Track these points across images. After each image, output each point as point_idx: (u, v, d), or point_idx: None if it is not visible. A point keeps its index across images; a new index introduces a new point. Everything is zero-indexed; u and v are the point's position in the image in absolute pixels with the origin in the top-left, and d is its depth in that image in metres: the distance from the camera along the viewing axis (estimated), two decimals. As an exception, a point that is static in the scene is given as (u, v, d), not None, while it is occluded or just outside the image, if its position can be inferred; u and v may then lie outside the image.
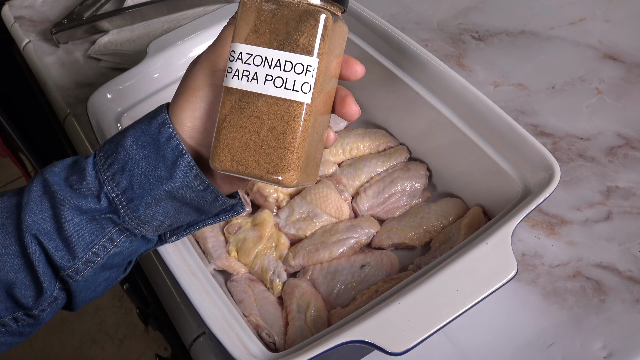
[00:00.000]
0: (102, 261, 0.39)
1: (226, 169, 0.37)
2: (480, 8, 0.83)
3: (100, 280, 0.41)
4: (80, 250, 0.38)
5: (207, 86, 0.38)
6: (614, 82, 0.71)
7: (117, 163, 0.38)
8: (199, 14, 0.86)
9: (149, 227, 0.40)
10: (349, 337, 0.41)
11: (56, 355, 1.59)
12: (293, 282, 0.54)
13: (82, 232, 0.38)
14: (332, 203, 0.59)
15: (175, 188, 0.38)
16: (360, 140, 0.64)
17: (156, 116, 0.38)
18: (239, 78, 0.36)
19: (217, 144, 0.37)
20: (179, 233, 0.44)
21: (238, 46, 0.36)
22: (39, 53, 0.86)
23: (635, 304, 0.52)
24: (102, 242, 0.39)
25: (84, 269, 0.39)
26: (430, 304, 0.42)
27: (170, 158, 0.37)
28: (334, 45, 0.37)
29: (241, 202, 0.44)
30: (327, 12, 0.35)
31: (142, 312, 0.92)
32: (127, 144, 0.38)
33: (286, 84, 0.35)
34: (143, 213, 0.39)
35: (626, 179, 0.62)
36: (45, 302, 0.39)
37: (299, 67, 0.35)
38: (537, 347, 0.50)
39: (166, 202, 0.39)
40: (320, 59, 0.35)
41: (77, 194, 0.38)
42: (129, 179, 0.38)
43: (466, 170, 0.58)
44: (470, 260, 0.43)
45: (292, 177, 0.36)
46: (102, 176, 0.38)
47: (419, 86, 0.59)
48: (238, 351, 0.43)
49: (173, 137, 0.37)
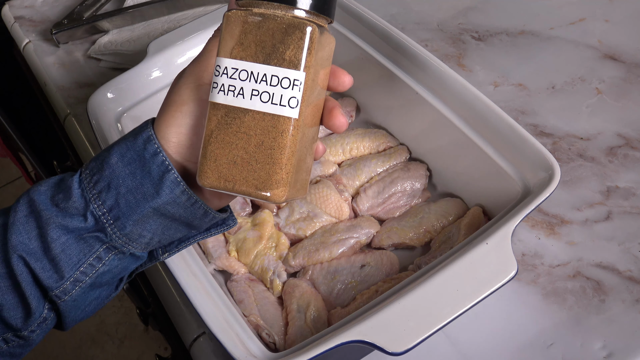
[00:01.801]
0: (91, 280, 0.39)
1: (213, 185, 0.36)
2: (480, 8, 0.83)
3: (90, 300, 0.41)
4: (68, 270, 0.38)
5: (192, 101, 0.37)
6: (614, 82, 0.71)
7: (103, 180, 0.37)
8: (199, 14, 0.86)
9: (137, 244, 0.39)
10: (349, 337, 0.41)
11: (56, 355, 1.59)
12: (293, 282, 0.54)
13: (69, 252, 0.38)
14: (332, 203, 0.59)
15: (163, 204, 0.37)
16: (360, 140, 0.64)
17: (141, 132, 0.38)
18: (225, 93, 0.35)
19: (203, 161, 0.36)
20: (170, 250, 0.43)
21: (223, 60, 0.35)
22: (39, 53, 0.86)
23: (635, 304, 0.52)
24: (90, 261, 0.38)
25: (73, 289, 0.38)
26: (430, 304, 0.42)
27: (156, 174, 0.37)
28: (320, 57, 0.36)
29: (232, 216, 0.43)
30: (313, 25, 0.35)
31: (142, 312, 0.93)
32: (113, 161, 0.37)
33: (273, 99, 0.35)
34: (130, 231, 0.38)
35: (626, 179, 0.62)
36: (34, 323, 0.39)
37: (285, 81, 0.35)
38: (537, 347, 0.50)
39: (154, 219, 0.38)
40: (307, 73, 0.35)
41: (63, 213, 0.37)
42: (115, 196, 0.37)
43: (466, 170, 0.58)
44: (470, 260, 0.43)
45: (280, 193, 0.36)
46: (88, 194, 0.37)
47: (419, 86, 0.59)
48: (238, 351, 0.43)
49: (159, 153, 0.37)
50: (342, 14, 0.66)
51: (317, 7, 0.35)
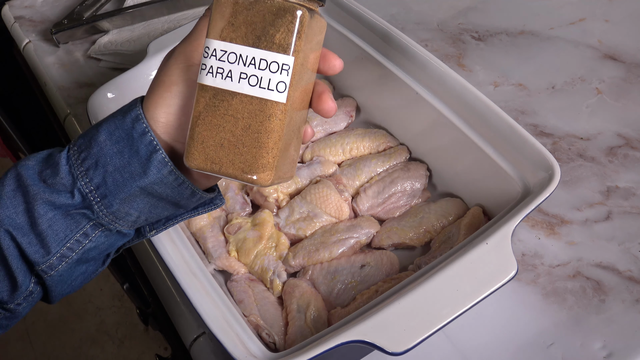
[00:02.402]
0: (77, 256, 0.39)
1: (200, 167, 0.36)
2: (480, 8, 0.83)
3: (77, 275, 0.41)
4: (55, 245, 0.38)
5: (182, 81, 0.37)
6: (614, 82, 0.71)
7: (91, 158, 0.37)
8: (199, 14, 0.86)
9: (124, 222, 0.39)
10: (349, 337, 0.41)
11: (56, 355, 1.59)
12: (293, 282, 0.54)
13: (56, 227, 0.38)
14: (332, 203, 0.59)
15: (150, 184, 0.37)
16: (360, 140, 0.64)
17: (130, 111, 0.38)
18: (213, 75, 0.35)
19: (191, 142, 0.36)
20: (157, 227, 0.43)
21: (212, 42, 0.35)
22: (39, 53, 0.86)
23: (635, 304, 0.52)
24: (76, 237, 0.39)
25: (59, 264, 0.39)
26: (430, 304, 0.42)
27: (144, 154, 0.37)
28: (310, 41, 0.36)
29: (220, 196, 0.43)
30: (303, 9, 0.34)
31: (142, 312, 0.93)
32: (101, 139, 0.37)
33: (261, 83, 0.35)
34: (117, 209, 0.38)
35: (626, 179, 0.62)
36: (20, 296, 0.39)
37: (274, 65, 0.34)
38: (537, 347, 0.50)
39: (141, 197, 0.38)
40: (296, 57, 0.35)
41: (51, 189, 0.37)
42: (102, 174, 0.37)
43: (466, 170, 0.58)
44: (470, 260, 0.43)
45: (266, 176, 0.36)
46: (76, 171, 0.37)
47: (419, 86, 0.59)
48: (238, 351, 0.43)
49: (147, 133, 0.37)
50: (342, 14, 0.66)
51: None
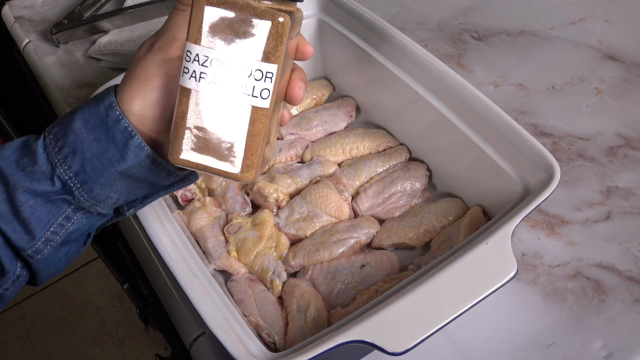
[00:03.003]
0: (61, 239, 0.40)
1: (185, 164, 0.37)
2: (480, 8, 0.83)
3: (61, 256, 0.42)
4: (39, 230, 0.39)
5: (158, 76, 0.38)
6: (614, 82, 0.71)
7: (68, 146, 0.38)
8: (199, 14, 0.86)
9: (104, 205, 0.40)
10: (349, 337, 0.41)
11: (56, 355, 1.59)
12: (293, 282, 0.54)
13: (39, 214, 0.39)
14: (332, 203, 0.59)
15: (128, 168, 0.38)
16: (360, 140, 0.64)
17: (103, 99, 0.38)
18: (197, 80, 0.35)
19: (175, 140, 0.37)
20: (135, 206, 0.44)
21: (194, 47, 0.35)
22: (39, 53, 0.86)
23: (635, 304, 0.52)
24: (59, 221, 0.39)
25: (44, 248, 0.40)
26: (430, 304, 0.42)
27: (120, 140, 0.38)
28: (291, 39, 0.36)
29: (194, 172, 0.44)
30: (284, 14, 0.34)
31: (142, 312, 0.93)
32: (76, 127, 0.38)
33: (245, 89, 0.35)
34: (98, 193, 0.39)
35: (626, 179, 0.62)
36: (8, 281, 0.40)
37: (258, 73, 0.35)
38: (537, 347, 0.50)
39: (120, 181, 0.39)
40: (279, 64, 0.35)
41: (31, 177, 0.38)
42: (80, 161, 0.38)
43: (466, 170, 0.58)
44: (470, 260, 0.43)
45: (250, 175, 0.37)
46: (54, 159, 0.38)
47: (419, 86, 0.59)
48: (238, 351, 0.43)
49: (121, 120, 0.38)
50: (342, 14, 0.66)
51: None
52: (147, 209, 0.52)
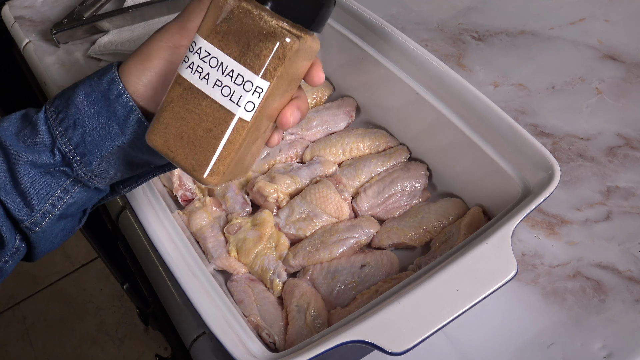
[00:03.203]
0: (59, 211, 0.40)
1: (157, 148, 0.37)
2: (480, 8, 0.83)
3: (57, 231, 0.42)
4: (37, 202, 0.39)
5: (158, 59, 0.38)
6: (614, 82, 0.71)
7: (69, 119, 0.38)
8: (199, 14, 0.86)
9: (101, 179, 0.41)
10: (349, 337, 0.41)
11: (56, 355, 1.59)
12: (293, 282, 0.54)
13: (38, 185, 0.39)
14: (332, 203, 0.59)
15: (127, 143, 0.39)
16: (360, 140, 0.64)
17: (106, 73, 0.39)
18: (192, 71, 0.36)
19: (156, 122, 0.37)
20: (130, 184, 0.45)
21: (200, 40, 0.35)
22: (39, 53, 0.86)
23: (635, 304, 0.52)
24: (57, 194, 0.40)
25: (42, 220, 0.40)
26: (430, 304, 0.42)
27: (121, 114, 0.38)
28: (295, 64, 0.36)
29: None
30: (292, 37, 0.34)
31: (142, 312, 0.93)
32: (78, 100, 0.38)
33: (232, 96, 0.35)
34: (96, 167, 0.39)
35: (626, 179, 0.62)
36: (7, 253, 0.40)
37: (248, 84, 0.35)
38: (537, 347, 0.50)
39: (118, 155, 0.40)
40: (271, 83, 0.35)
41: (31, 149, 0.38)
42: (81, 134, 0.38)
43: (466, 170, 0.58)
44: (470, 260, 0.43)
45: (213, 180, 0.37)
46: (55, 131, 0.38)
47: (419, 86, 0.59)
48: (238, 351, 0.43)
49: (123, 94, 0.38)
50: (342, 13, 0.66)
51: (305, 22, 0.35)
52: (147, 208, 0.52)
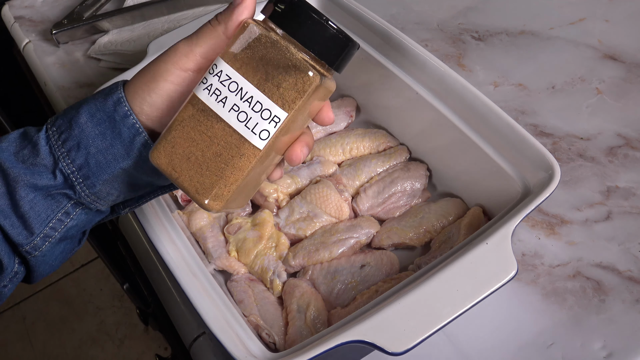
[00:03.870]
0: (60, 235, 0.39)
1: (161, 167, 0.37)
2: (480, 8, 0.83)
3: (57, 254, 0.41)
4: (38, 226, 0.38)
5: (166, 81, 0.37)
6: (614, 82, 0.71)
7: (72, 139, 0.37)
8: (199, 14, 0.86)
9: (104, 202, 0.40)
10: (349, 337, 0.41)
11: (56, 355, 1.59)
12: (293, 282, 0.54)
13: (38, 209, 0.38)
14: (332, 203, 0.59)
15: (132, 165, 0.38)
16: (360, 140, 0.64)
17: (112, 93, 0.38)
18: (209, 93, 0.35)
19: (163, 141, 0.37)
20: (131, 205, 0.44)
21: (222, 63, 0.35)
22: (39, 53, 0.86)
23: (635, 304, 0.52)
24: (58, 217, 0.39)
25: (42, 244, 0.39)
26: (430, 304, 0.42)
27: (126, 136, 0.37)
28: (312, 101, 0.36)
29: None
30: (316, 73, 0.35)
31: (142, 312, 0.93)
32: (82, 121, 0.37)
33: (248, 122, 0.35)
34: (99, 189, 0.38)
35: (626, 179, 0.62)
36: (6, 278, 0.39)
37: (266, 112, 0.35)
38: (537, 347, 0.50)
39: (122, 178, 0.39)
40: (289, 114, 0.35)
41: (31, 170, 0.37)
42: (84, 156, 0.37)
43: (466, 170, 0.58)
44: (470, 260, 0.43)
45: (216, 206, 0.37)
46: (57, 152, 0.37)
47: (419, 86, 0.59)
48: (238, 351, 0.43)
49: (129, 116, 0.37)
50: (342, 13, 0.66)
51: (330, 59, 0.36)
52: (147, 209, 0.52)
